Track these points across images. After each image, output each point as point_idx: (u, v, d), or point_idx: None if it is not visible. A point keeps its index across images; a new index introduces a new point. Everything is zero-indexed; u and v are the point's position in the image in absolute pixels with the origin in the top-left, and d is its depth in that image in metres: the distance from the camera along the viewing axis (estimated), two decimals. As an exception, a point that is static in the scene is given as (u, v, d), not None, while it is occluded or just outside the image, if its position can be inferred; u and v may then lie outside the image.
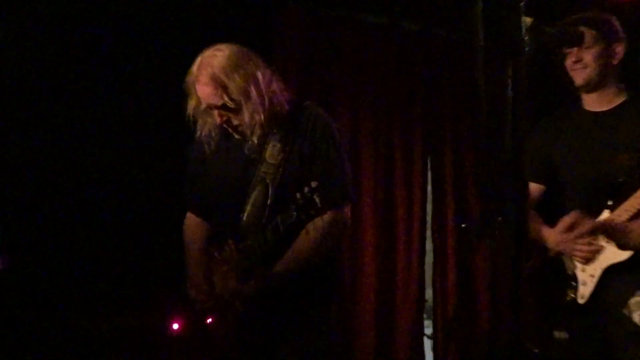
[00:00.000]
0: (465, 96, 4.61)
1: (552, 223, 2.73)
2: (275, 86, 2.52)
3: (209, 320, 2.59)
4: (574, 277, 2.70)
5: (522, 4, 1.50)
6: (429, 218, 4.55)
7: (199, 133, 2.61)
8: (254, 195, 2.49)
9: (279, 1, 4.01)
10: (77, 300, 3.50)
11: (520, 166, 1.58)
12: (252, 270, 2.46)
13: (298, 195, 2.29)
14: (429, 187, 4.57)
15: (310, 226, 2.42)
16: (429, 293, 4.61)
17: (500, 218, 2.03)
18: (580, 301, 2.65)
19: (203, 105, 2.53)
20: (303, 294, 2.50)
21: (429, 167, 4.55)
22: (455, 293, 4.54)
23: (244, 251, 2.47)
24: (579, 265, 2.69)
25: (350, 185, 2.58)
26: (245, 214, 2.49)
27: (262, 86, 2.48)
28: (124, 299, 3.57)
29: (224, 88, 2.44)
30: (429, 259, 4.57)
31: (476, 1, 1.75)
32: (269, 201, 2.43)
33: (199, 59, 2.49)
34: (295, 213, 2.30)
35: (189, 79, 2.51)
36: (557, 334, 2.83)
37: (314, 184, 2.27)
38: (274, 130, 2.50)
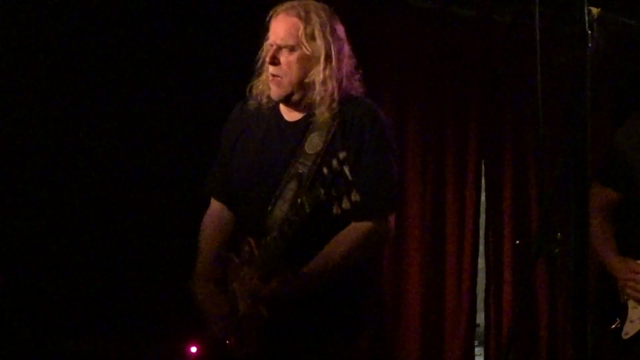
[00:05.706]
0: (529, 93, 4.58)
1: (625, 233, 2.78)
2: (353, 68, 2.55)
3: (229, 341, 2.63)
4: (625, 309, 2.74)
5: None
6: (481, 232, 4.54)
7: (251, 88, 2.60)
8: (286, 187, 2.48)
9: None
10: (84, 323, 3.52)
11: (583, 174, 1.58)
12: (276, 270, 2.44)
13: (325, 170, 2.23)
14: (482, 196, 4.55)
15: (348, 229, 2.43)
16: (480, 317, 4.60)
17: (560, 234, 2.03)
18: (624, 337, 2.71)
19: (269, 41, 2.49)
20: (332, 309, 2.49)
21: (482, 172, 4.55)
22: (511, 318, 4.52)
23: (266, 247, 2.45)
24: (632, 300, 2.75)
25: (397, 193, 2.58)
26: (274, 208, 2.49)
27: (346, 58, 2.51)
28: (136, 322, 3.59)
29: (309, 31, 2.44)
30: (480, 278, 4.57)
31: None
32: (299, 199, 2.38)
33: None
34: (322, 190, 2.22)
35: (270, 14, 2.50)
36: None
37: (342, 155, 2.22)
38: (319, 118, 2.49)
